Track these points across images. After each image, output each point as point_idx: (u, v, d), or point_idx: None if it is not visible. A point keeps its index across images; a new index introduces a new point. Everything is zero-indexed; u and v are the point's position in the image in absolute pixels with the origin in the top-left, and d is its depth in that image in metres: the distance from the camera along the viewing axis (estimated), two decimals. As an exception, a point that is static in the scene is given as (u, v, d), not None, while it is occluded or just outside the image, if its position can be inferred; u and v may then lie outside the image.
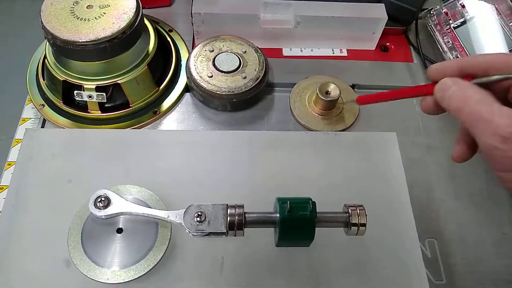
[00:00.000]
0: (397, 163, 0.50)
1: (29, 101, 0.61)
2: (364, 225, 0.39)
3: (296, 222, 0.38)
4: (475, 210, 0.54)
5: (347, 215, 0.39)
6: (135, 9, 0.54)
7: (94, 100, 0.56)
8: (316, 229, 0.39)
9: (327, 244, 0.44)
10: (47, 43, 0.57)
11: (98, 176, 0.47)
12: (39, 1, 0.54)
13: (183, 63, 0.64)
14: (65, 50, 0.53)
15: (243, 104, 0.61)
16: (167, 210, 0.42)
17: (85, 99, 0.56)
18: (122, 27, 0.53)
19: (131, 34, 0.54)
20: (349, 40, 0.68)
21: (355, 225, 0.39)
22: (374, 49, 0.69)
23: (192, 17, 0.64)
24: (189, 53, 0.63)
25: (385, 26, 0.66)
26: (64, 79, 0.56)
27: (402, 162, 0.50)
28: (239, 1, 0.64)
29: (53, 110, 0.59)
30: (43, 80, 0.61)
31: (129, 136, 0.52)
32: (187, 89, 0.63)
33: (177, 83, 0.63)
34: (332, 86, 0.58)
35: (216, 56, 0.61)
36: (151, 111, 0.60)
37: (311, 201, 0.39)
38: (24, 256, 0.43)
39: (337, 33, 0.67)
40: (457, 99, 0.31)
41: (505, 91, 0.32)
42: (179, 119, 0.60)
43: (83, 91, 0.56)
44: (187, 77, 0.61)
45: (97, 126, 0.58)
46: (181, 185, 0.47)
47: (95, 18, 0.53)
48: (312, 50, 0.69)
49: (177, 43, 0.67)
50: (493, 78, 0.32)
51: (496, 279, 0.50)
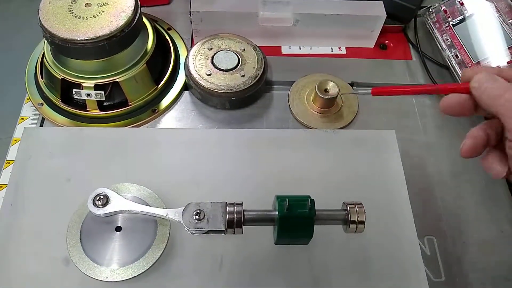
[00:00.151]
0: (396, 161, 0.50)
1: (28, 99, 0.61)
2: (363, 222, 0.39)
3: (294, 220, 0.39)
4: (474, 208, 0.54)
5: (346, 212, 0.39)
6: (133, 7, 0.54)
7: (92, 98, 0.56)
8: (315, 227, 0.39)
9: (326, 242, 0.44)
10: (46, 41, 0.57)
11: (97, 174, 0.47)
12: (37, 0, 0.54)
13: (182, 61, 0.64)
14: (64, 48, 0.53)
15: (242, 102, 0.61)
16: (166, 208, 0.42)
17: (84, 97, 0.56)
18: (120, 25, 0.53)
19: (130, 32, 0.54)
20: (348, 38, 0.68)
21: (353, 222, 0.39)
22: (373, 47, 0.69)
23: (190, 15, 0.64)
24: (188, 51, 0.63)
25: (384, 24, 0.66)
26: (62, 77, 0.56)
27: (401, 160, 0.50)
28: (237, -1, 0.64)
29: (51, 108, 0.59)
30: (42, 78, 0.61)
31: (128, 134, 0.52)
32: (185, 87, 0.63)
33: (176, 82, 0.63)
34: (331, 84, 0.58)
35: (214, 54, 0.61)
36: (150, 110, 0.60)
37: (309, 199, 0.39)
38: (23, 254, 0.43)
39: (336, 31, 0.67)
40: (494, 89, 0.33)
41: None
42: (178, 117, 0.60)
43: (82, 89, 0.56)
44: (186, 75, 0.61)
45: (96, 124, 0.58)
46: (180, 183, 0.47)
47: (94, 16, 0.53)
48: (311, 48, 0.69)
49: (176, 41, 0.67)
50: None
51: (494, 276, 0.50)
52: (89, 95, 0.56)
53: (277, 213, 0.39)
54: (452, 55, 0.63)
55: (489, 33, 0.61)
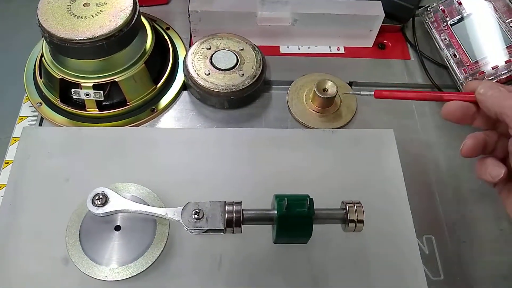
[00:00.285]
0: (394, 160, 0.50)
1: (27, 99, 0.61)
2: (361, 221, 0.39)
3: (293, 219, 0.39)
4: (473, 207, 0.54)
5: (345, 211, 0.39)
6: (132, 7, 0.54)
7: (91, 98, 0.56)
8: (313, 226, 0.39)
9: (324, 241, 0.44)
10: (44, 41, 0.57)
11: (96, 174, 0.47)
12: (37, 0, 0.54)
13: (181, 61, 0.64)
14: (62, 48, 0.53)
15: (241, 101, 0.61)
16: (165, 207, 0.42)
17: (83, 97, 0.56)
18: (119, 25, 0.53)
19: (128, 32, 0.54)
20: (346, 37, 0.68)
21: (352, 221, 0.39)
22: (371, 46, 0.69)
23: (189, 15, 0.64)
24: (187, 51, 0.63)
25: (382, 23, 0.66)
26: (61, 77, 0.56)
27: (399, 159, 0.50)
28: (236, -1, 0.64)
29: (50, 108, 0.59)
30: (41, 78, 0.61)
31: (126, 134, 0.52)
32: (184, 87, 0.63)
33: (175, 81, 0.63)
34: (329, 83, 0.58)
35: (213, 54, 0.61)
36: (148, 109, 0.60)
37: (308, 198, 0.39)
38: (22, 254, 0.43)
39: (334, 31, 0.67)
40: (500, 95, 0.36)
41: None
42: (176, 117, 0.60)
43: (81, 89, 0.56)
44: (185, 75, 0.61)
45: (95, 124, 0.58)
46: (179, 182, 0.47)
47: (92, 16, 0.53)
48: (309, 47, 0.69)
49: (175, 41, 0.67)
50: None
51: (493, 275, 0.50)
52: (88, 95, 0.56)
53: (276, 212, 0.39)
54: (450, 55, 0.63)
55: (487, 33, 0.61)
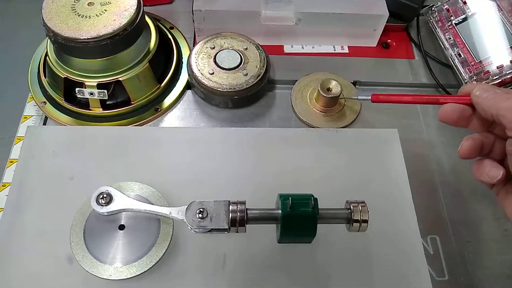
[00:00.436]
0: (398, 160, 0.50)
1: (31, 98, 0.61)
2: (366, 221, 0.39)
3: (298, 218, 0.39)
4: (477, 206, 0.54)
5: (349, 211, 0.39)
6: (136, 6, 0.54)
7: (95, 97, 0.56)
8: (318, 225, 0.39)
9: (329, 241, 0.44)
10: (49, 40, 0.57)
11: (100, 173, 0.48)
12: (37, 0, 0.54)
13: (184, 60, 0.64)
14: (67, 47, 0.53)
15: (245, 101, 0.61)
16: (169, 206, 0.42)
17: (87, 96, 0.56)
18: (123, 24, 0.53)
19: (132, 31, 0.54)
20: (350, 37, 0.68)
21: (357, 221, 0.39)
22: (375, 45, 0.69)
23: (193, 14, 0.64)
24: (190, 50, 0.63)
25: (386, 22, 0.66)
26: (65, 76, 0.56)
27: (403, 158, 0.50)
28: (240, -2, 0.64)
29: (54, 107, 0.59)
30: (45, 77, 0.61)
31: (130, 133, 0.52)
32: (188, 86, 0.63)
33: (179, 80, 0.63)
34: (333, 83, 0.58)
35: (217, 53, 0.61)
36: (152, 108, 0.60)
37: (313, 198, 0.39)
38: (26, 253, 0.43)
39: (338, 30, 0.67)
40: (496, 97, 0.36)
41: None
42: (180, 116, 0.60)
43: (85, 88, 0.56)
44: (189, 74, 0.61)
45: (99, 123, 0.58)
46: (183, 182, 0.47)
47: (96, 15, 0.53)
48: (313, 47, 0.69)
49: (178, 40, 0.67)
50: None
51: (497, 274, 0.50)
52: (92, 94, 0.56)
53: (280, 211, 0.39)
54: (454, 54, 0.63)
55: (491, 32, 0.61)
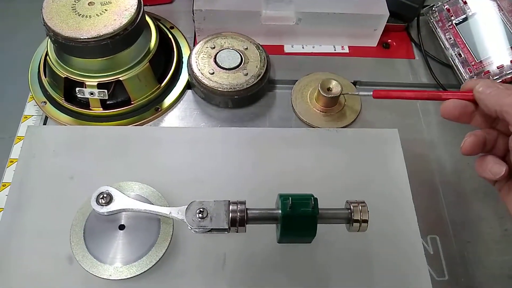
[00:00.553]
0: (399, 159, 0.50)
1: (31, 98, 0.61)
2: (366, 221, 0.39)
3: (298, 218, 0.38)
4: (477, 206, 0.54)
5: (349, 211, 0.39)
6: (136, 6, 0.54)
7: (95, 97, 0.56)
8: (318, 225, 0.39)
9: (329, 241, 0.44)
10: (49, 40, 0.57)
11: (100, 172, 0.48)
12: (37, 0, 0.54)
13: (185, 60, 0.64)
14: (67, 47, 0.53)
15: (245, 101, 0.61)
16: (169, 206, 0.42)
17: (87, 96, 0.56)
18: (123, 23, 0.53)
19: (133, 31, 0.54)
20: (351, 36, 0.68)
21: (357, 221, 0.39)
22: (375, 45, 0.69)
23: (193, 14, 0.64)
24: (191, 50, 0.63)
25: (387, 22, 0.66)
26: (65, 76, 0.56)
27: (404, 158, 0.50)
28: (240, -2, 0.64)
29: (55, 107, 0.59)
30: (45, 77, 0.61)
31: (131, 133, 0.52)
32: (188, 86, 0.63)
33: (179, 80, 0.63)
34: (333, 82, 0.58)
35: (217, 53, 0.61)
36: (153, 108, 0.60)
37: (313, 198, 0.39)
38: (26, 252, 0.43)
39: (338, 30, 0.66)
40: (499, 93, 0.36)
41: None
42: (180, 116, 0.60)
43: (85, 88, 0.56)
44: (189, 74, 0.61)
45: (99, 123, 0.58)
46: (183, 181, 0.47)
47: (97, 15, 0.53)
48: (313, 47, 0.69)
49: (179, 40, 0.67)
50: None
51: (498, 275, 0.50)
52: (92, 94, 0.56)
53: (280, 211, 0.39)
54: (455, 54, 0.63)
55: (492, 32, 0.61)
